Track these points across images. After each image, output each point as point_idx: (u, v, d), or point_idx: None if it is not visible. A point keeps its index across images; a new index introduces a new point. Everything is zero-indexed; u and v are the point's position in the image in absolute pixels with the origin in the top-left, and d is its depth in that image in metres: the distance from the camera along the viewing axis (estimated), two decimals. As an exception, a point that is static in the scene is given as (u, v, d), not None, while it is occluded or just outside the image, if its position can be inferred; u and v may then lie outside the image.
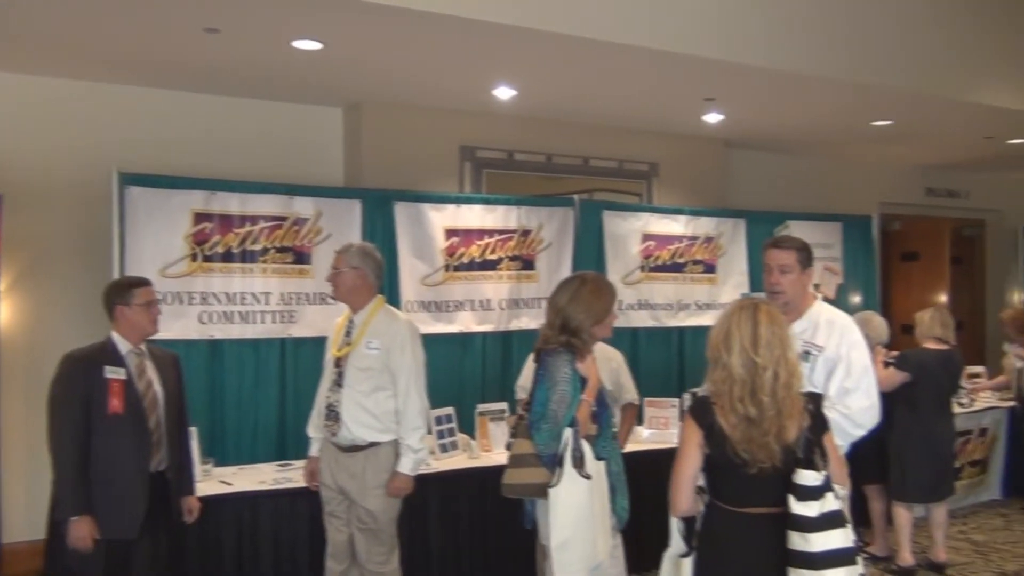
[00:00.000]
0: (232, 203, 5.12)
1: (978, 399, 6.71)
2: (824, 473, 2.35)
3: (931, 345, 5.12)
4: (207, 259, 5.04)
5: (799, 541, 2.30)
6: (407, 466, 3.59)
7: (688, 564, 2.53)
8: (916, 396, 4.99)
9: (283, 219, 5.27)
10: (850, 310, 6.87)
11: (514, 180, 6.56)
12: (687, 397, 5.09)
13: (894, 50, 5.78)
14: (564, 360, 2.93)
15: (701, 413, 2.45)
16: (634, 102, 6.13)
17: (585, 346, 3.01)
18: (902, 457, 5.00)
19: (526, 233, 6.14)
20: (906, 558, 5.05)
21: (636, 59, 4.95)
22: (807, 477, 2.33)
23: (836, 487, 2.40)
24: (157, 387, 3.31)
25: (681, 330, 6.78)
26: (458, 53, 4.84)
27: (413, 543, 4.18)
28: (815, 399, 2.54)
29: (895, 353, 5.19)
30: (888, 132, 7.19)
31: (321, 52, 4.72)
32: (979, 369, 7.31)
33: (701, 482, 2.49)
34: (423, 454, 3.69)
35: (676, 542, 2.57)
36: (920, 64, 5.94)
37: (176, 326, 4.84)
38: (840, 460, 2.57)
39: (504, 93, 5.68)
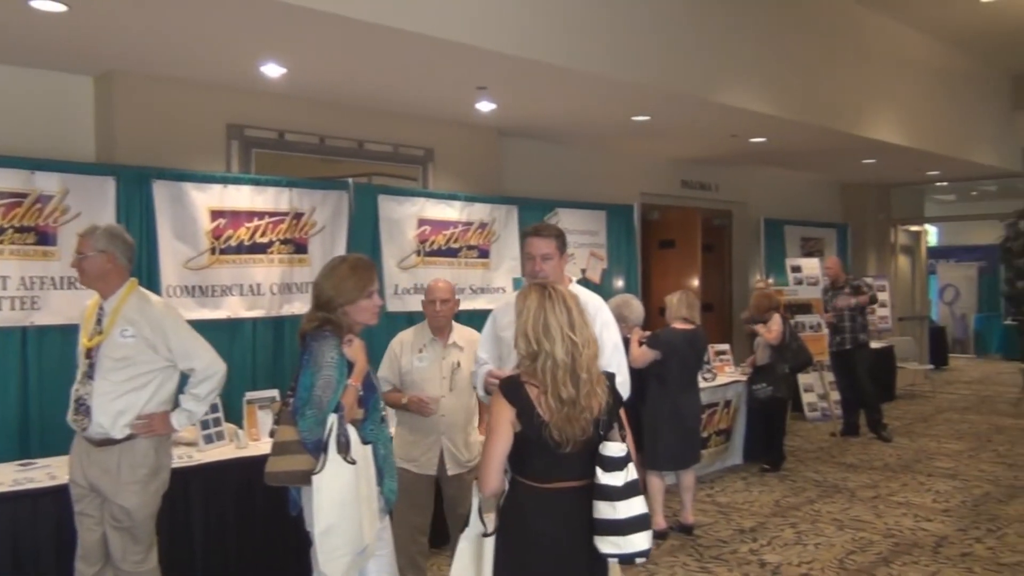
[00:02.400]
0: (-39, 178, 4.61)
1: (721, 374, 7.36)
2: (626, 444, 2.50)
3: (679, 325, 5.54)
4: (-71, 239, 4.50)
5: (607, 510, 2.43)
6: (177, 418, 3.50)
7: (489, 543, 2.57)
8: (666, 372, 5.39)
9: (23, 196, 4.79)
10: (613, 293, 7.32)
11: (286, 161, 6.36)
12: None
13: (652, 50, 6.17)
14: (330, 344, 2.89)
15: (512, 392, 2.50)
16: (409, 87, 6.14)
17: (345, 327, 2.97)
18: (654, 429, 5.39)
19: (298, 216, 5.99)
20: (659, 522, 5.46)
21: (408, 44, 4.96)
22: (613, 449, 2.46)
23: None
24: None
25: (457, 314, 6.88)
26: (219, 25, 4.60)
27: (174, 540, 3.98)
28: (611, 376, 2.68)
29: (648, 333, 5.57)
30: (647, 127, 7.68)
31: (66, 15, 4.32)
32: (725, 347, 8.02)
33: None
34: (200, 409, 3.58)
35: (476, 521, 2.61)
36: (675, 64, 6.39)
37: None
38: (630, 433, 2.72)
39: (273, 71, 5.48)
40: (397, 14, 4.61)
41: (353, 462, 2.81)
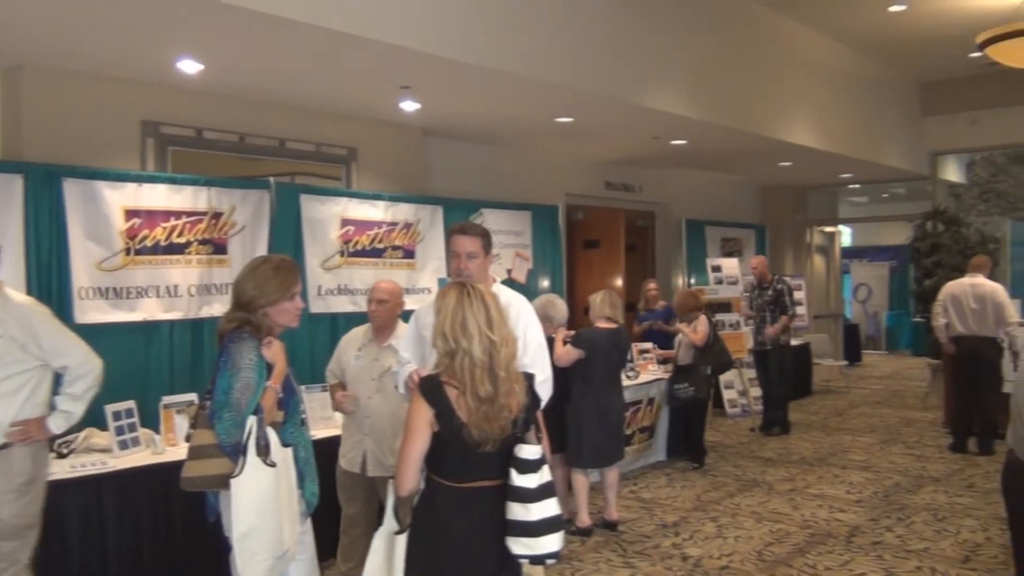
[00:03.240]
0: None
1: (644, 372, 7.47)
2: (541, 446, 2.51)
3: (602, 324, 5.61)
4: None
5: (520, 511, 2.43)
6: (55, 421, 3.34)
7: (402, 541, 2.56)
8: (590, 371, 5.45)
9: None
10: (538, 293, 7.37)
11: (204, 160, 6.23)
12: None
13: (575, 52, 6.24)
14: (249, 346, 2.84)
15: (431, 392, 2.49)
16: (331, 86, 6.07)
17: (264, 328, 2.92)
18: (579, 427, 5.44)
19: (217, 216, 5.86)
20: (584, 520, 5.51)
21: (330, 42, 4.90)
22: (528, 451, 2.47)
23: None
24: None
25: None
26: (132, 18, 4.46)
27: (87, 550, 3.86)
28: (529, 377, 2.68)
29: (572, 332, 5.62)
30: (570, 128, 7.75)
31: (-33, 6, 4.15)
32: (648, 345, 8.14)
33: None
34: (79, 410, 3.40)
35: (389, 520, 2.60)
36: (597, 67, 6.47)
37: None
38: (546, 434, 2.74)
39: (190, 67, 5.36)
40: (318, 11, 4.56)
41: (273, 465, 2.77)
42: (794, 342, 10.90)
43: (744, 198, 13.08)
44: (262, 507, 2.73)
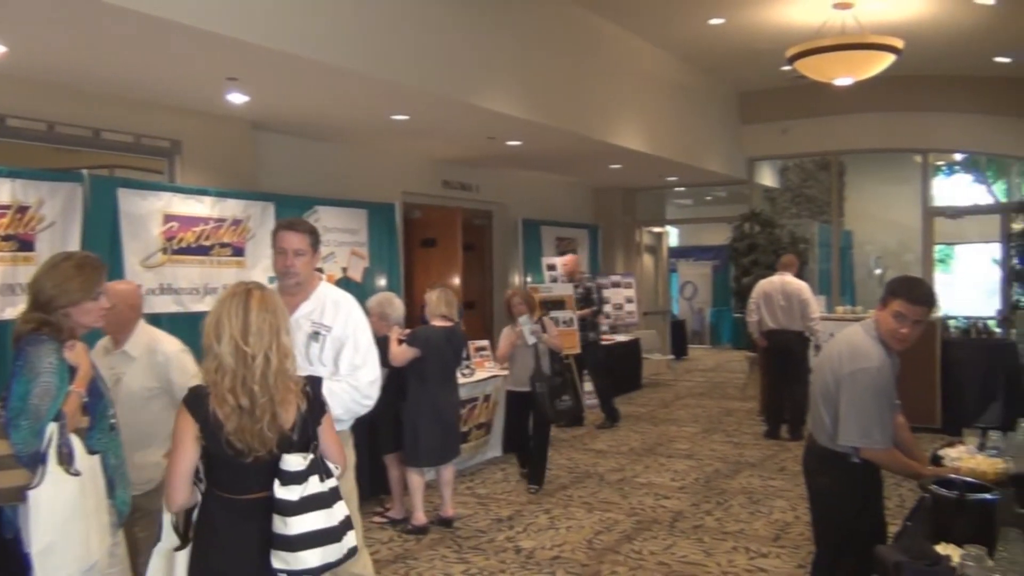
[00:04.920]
0: None
1: (481, 369, 7.54)
2: (311, 456, 2.42)
3: (438, 323, 5.62)
4: None
5: (280, 525, 2.35)
6: None
7: (182, 557, 2.45)
8: (425, 369, 5.45)
9: None
10: (375, 291, 7.29)
11: (9, 149, 5.78)
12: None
13: (409, 49, 6.21)
14: (48, 349, 2.65)
15: (196, 405, 2.39)
16: (152, 74, 5.76)
17: (66, 330, 2.74)
18: (414, 425, 5.43)
19: (23, 210, 5.44)
20: (420, 518, 5.51)
21: (146, 27, 4.63)
22: (290, 463, 2.38)
23: (332, 466, 2.49)
24: None
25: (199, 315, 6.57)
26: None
27: None
28: (314, 383, 2.57)
29: (407, 331, 5.61)
30: (406, 126, 7.71)
31: None
32: (485, 343, 8.23)
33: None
34: None
35: (168, 535, 2.48)
36: (431, 65, 6.47)
37: None
38: (337, 440, 2.63)
39: (-10, 48, 4.95)
40: (135, -5, 4.31)
41: (77, 474, 2.59)
42: (625, 338, 11.39)
43: (578, 199, 13.47)
44: (65, 519, 2.55)
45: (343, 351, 3.29)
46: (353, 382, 3.26)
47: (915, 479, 3.27)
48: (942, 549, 2.38)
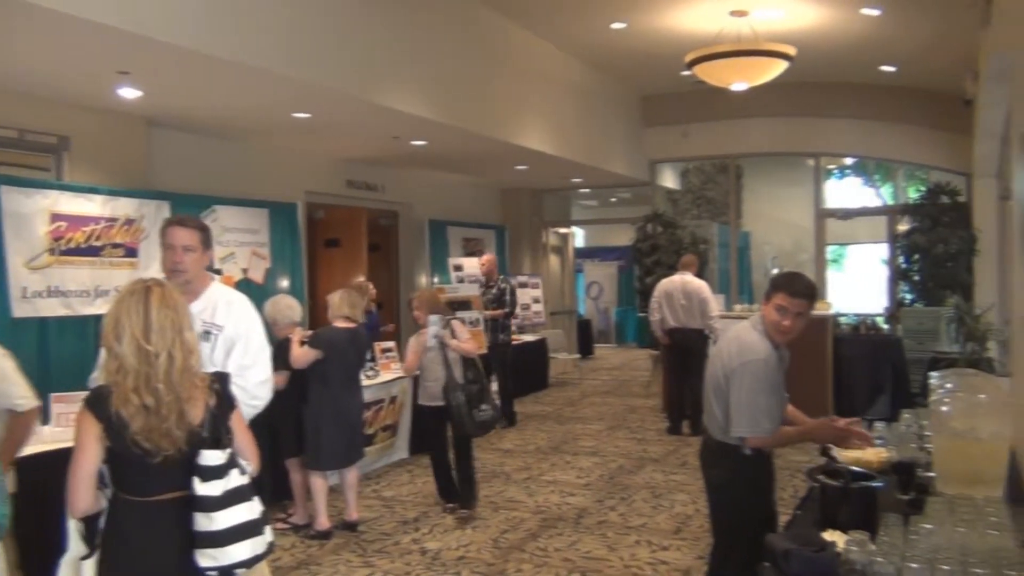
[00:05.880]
0: None
1: (386, 371, 7.46)
2: (229, 451, 2.38)
3: (341, 324, 5.55)
4: None
5: (204, 521, 2.30)
6: None
7: (90, 566, 2.36)
8: (327, 371, 5.36)
9: None
10: (277, 292, 7.15)
11: None
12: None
13: (309, 47, 6.10)
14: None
15: (98, 405, 2.31)
16: (37, 66, 5.50)
17: None
18: (317, 428, 5.34)
19: None
20: (323, 523, 5.42)
21: (31, 16, 4.43)
22: (210, 457, 2.34)
23: (243, 462, 2.46)
24: None
25: (99, 318, 6.28)
26: None
27: None
28: (222, 378, 2.54)
29: (310, 332, 5.51)
30: (308, 124, 7.59)
31: None
32: (391, 344, 8.15)
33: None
34: None
35: (75, 544, 2.39)
36: (332, 62, 6.37)
37: None
38: (250, 436, 2.61)
39: None
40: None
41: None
42: (532, 337, 11.48)
43: (485, 199, 13.51)
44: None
45: (233, 351, 3.22)
46: (241, 383, 3.18)
47: (810, 440, 3.55)
48: (829, 536, 2.47)
